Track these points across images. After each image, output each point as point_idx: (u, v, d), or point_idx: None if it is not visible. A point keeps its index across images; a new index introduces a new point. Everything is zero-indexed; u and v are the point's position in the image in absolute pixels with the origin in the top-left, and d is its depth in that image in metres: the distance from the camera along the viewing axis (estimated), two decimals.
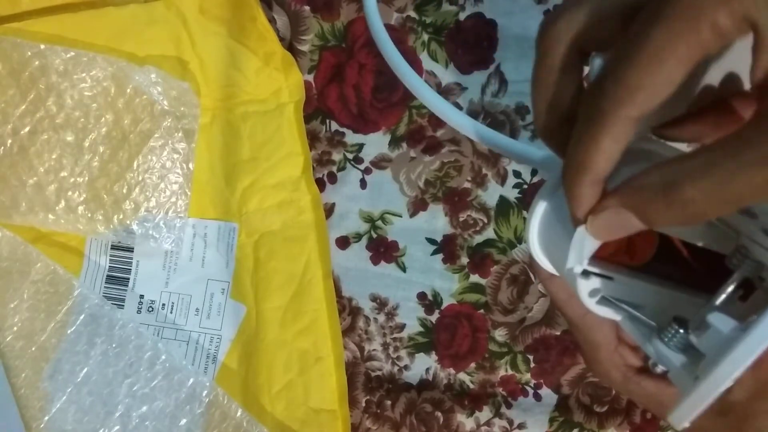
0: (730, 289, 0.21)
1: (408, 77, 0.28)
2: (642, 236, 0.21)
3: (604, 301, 0.22)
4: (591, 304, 0.22)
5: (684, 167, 0.17)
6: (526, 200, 0.45)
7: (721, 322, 0.19)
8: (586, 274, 0.22)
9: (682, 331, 0.21)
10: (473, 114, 0.45)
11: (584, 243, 0.21)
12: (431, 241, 0.46)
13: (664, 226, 0.20)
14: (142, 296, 0.45)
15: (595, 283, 0.22)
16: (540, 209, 0.23)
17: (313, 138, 0.47)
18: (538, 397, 0.46)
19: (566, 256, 0.22)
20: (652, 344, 0.22)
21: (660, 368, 0.22)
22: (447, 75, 0.45)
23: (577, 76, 0.21)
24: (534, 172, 0.45)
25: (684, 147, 0.22)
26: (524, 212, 0.45)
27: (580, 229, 0.20)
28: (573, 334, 0.27)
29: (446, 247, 0.46)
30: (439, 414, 0.46)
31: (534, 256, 0.24)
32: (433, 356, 0.46)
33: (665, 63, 0.17)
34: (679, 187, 0.17)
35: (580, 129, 0.19)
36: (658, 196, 0.18)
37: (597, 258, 0.22)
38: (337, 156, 0.47)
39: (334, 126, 0.47)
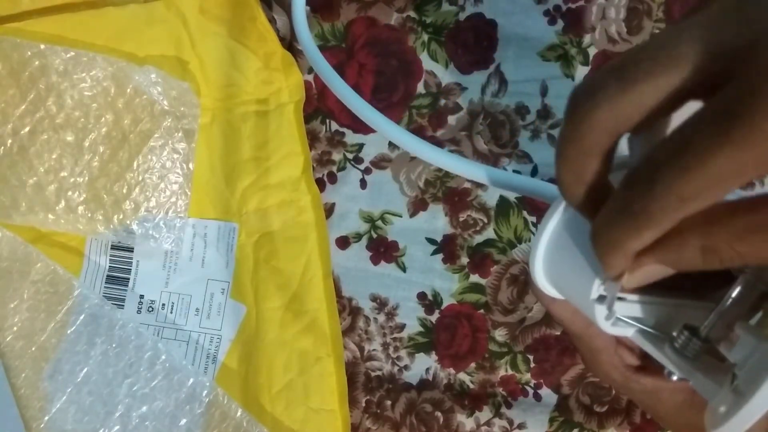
0: (735, 293, 0.21)
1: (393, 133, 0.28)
2: None
3: (617, 320, 0.22)
4: (607, 326, 0.22)
5: (724, 229, 0.17)
6: (526, 200, 0.45)
7: (746, 332, 0.20)
8: (601, 299, 0.22)
9: (695, 338, 0.21)
10: (473, 114, 0.45)
11: (612, 288, 0.21)
12: (431, 241, 0.46)
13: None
14: (142, 296, 0.45)
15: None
16: (546, 237, 0.23)
17: (313, 138, 0.47)
18: (538, 397, 0.46)
19: (581, 285, 0.22)
20: (666, 354, 0.22)
21: (675, 377, 0.22)
22: (447, 75, 0.45)
23: (611, 156, 0.19)
24: (534, 172, 0.45)
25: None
26: (524, 212, 0.45)
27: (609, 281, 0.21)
28: (575, 344, 0.27)
29: (446, 247, 0.46)
30: (439, 414, 0.46)
31: (536, 281, 0.24)
32: (433, 356, 0.46)
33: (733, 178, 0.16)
34: (720, 251, 0.17)
35: (621, 214, 0.18)
36: (697, 257, 0.18)
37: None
38: (337, 156, 0.47)
39: (334, 126, 0.47)
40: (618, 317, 0.22)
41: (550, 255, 0.24)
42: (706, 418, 0.20)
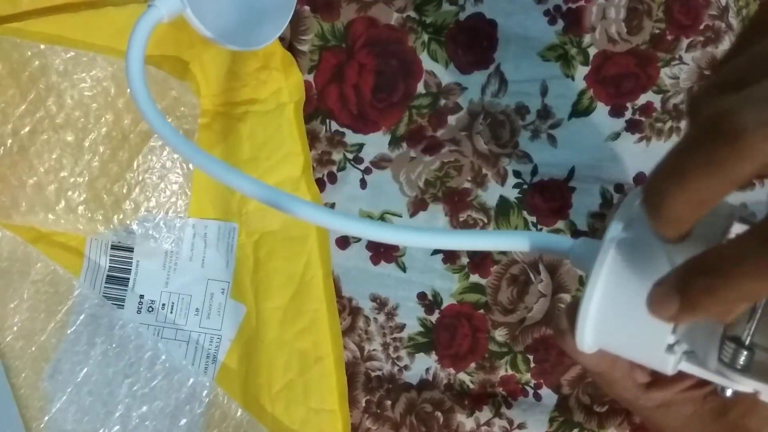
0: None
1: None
2: None
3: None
4: (670, 369, 0.22)
5: None
6: (526, 200, 0.45)
7: None
8: (669, 347, 0.22)
9: (741, 348, 0.21)
10: (473, 114, 0.45)
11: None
12: None
13: None
14: (142, 296, 0.45)
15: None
16: (599, 291, 0.22)
17: (313, 138, 0.47)
18: (538, 397, 0.46)
19: (641, 337, 0.22)
20: (719, 370, 0.21)
21: (730, 392, 0.22)
22: (447, 75, 0.45)
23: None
24: (534, 172, 0.45)
25: None
26: (524, 212, 0.45)
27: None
28: (594, 378, 0.27)
29: None
30: (439, 414, 0.46)
31: (582, 341, 0.23)
32: (433, 356, 0.46)
33: None
34: None
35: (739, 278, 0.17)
36: None
37: None
38: (337, 156, 0.47)
39: (334, 126, 0.47)
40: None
41: (602, 313, 0.22)
42: None
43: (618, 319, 0.22)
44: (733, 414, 0.26)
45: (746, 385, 0.21)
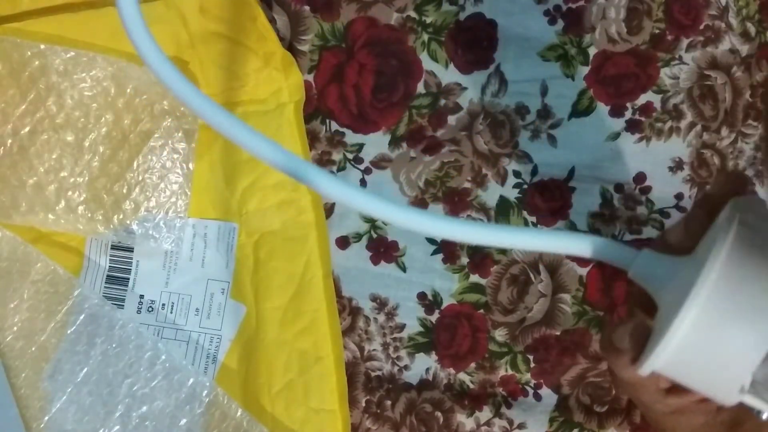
0: None
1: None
2: None
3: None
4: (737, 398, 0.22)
5: None
6: (525, 200, 0.45)
7: None
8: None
9: None
10: (473, 114, 0.45)
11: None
12: (431, 241, 0.46)
13: None
14: (142, 296, 0.45)
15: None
16: (689, 324, 0.21)
17: (313, 138, 0.47)
18: (538, 397, 0.46)
19: (722, 374, 0.21)
20: None
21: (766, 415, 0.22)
22: (447, 75, 0.45)
23: None
24: (534, 172, 0.45)
25: None
26: (524, 212, 0.45)
27: None
28: (623, 390, 0.27)
29: (446, 247, 0.46)
30: (439, 414, 0.46)
31: (651, 361, 0.22)
32: (433, 356, 0.46)
33: None
34: None
35: None
36: None
37: None
38: (337, 156, 0.47)
39: (334, 126, 0.47)
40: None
41: (682, 343, 0.21)
42: None
43: (700, 353, 0.21)
44: (747, 427, 0.26)
45: None
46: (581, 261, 0.45)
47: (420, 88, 0.46)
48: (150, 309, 0.45)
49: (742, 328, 0.20)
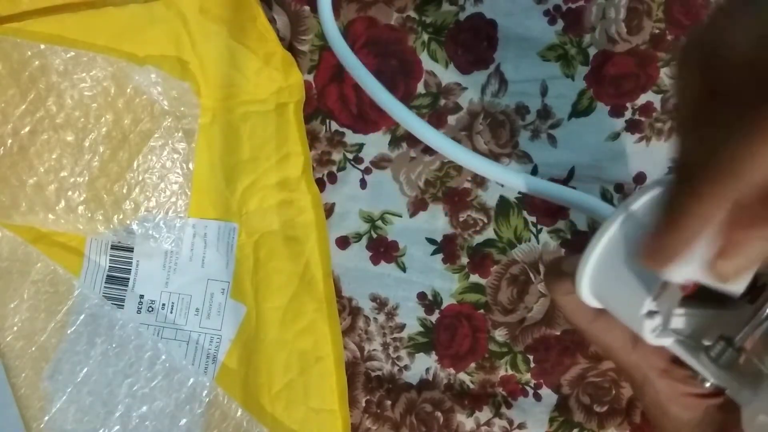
0: None
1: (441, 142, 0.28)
2: None
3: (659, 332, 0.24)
4: (651, 338, 0.23)
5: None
6: (526, 200, 0.45)
7: None
8: (649, 314, 0.23)
9: (730, 348, 0.23)
10: (473, 114, 0.45)
11: (672, 292, 0.23)
12: (431, 241, 0.46)
13: None
14: (142, 296, 0.45)
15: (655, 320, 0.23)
16: (598, 250, 0.24)
17: (313, 138, 0.47)
18: (538, 397, 0.46)
19: (629, 300, 0.23)
20: (701, 362, 0.23)
21: (709, 384, 0.24)
22: (447, 75, 0.46)
23: None
24: (534, 172, 0.45)
25: None
26: (524, 212, 0.45)
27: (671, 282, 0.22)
28: (587, 340, 0.28)
29: (446, 247, 0.46)
30: (439, 414, 0.46)
31: (581, 288, 0.25)
32: (433, 356, 0.46)
33: None
34: None
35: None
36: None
37: None
38: (337, 156, 0.47)
39: (334, 126, 0.47)
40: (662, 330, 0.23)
41: (599, 268, 0.24)
42: (743, 424, 0.21)
43: (612, 272, 0.24)
44: None
45: (722, 383, 0.23)
46: None
47: (420, 88, 0.46)
48: (150, 309, 0.45)
49: (633, 267, 0.22)
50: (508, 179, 0.27)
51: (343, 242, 0.47)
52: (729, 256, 0.20)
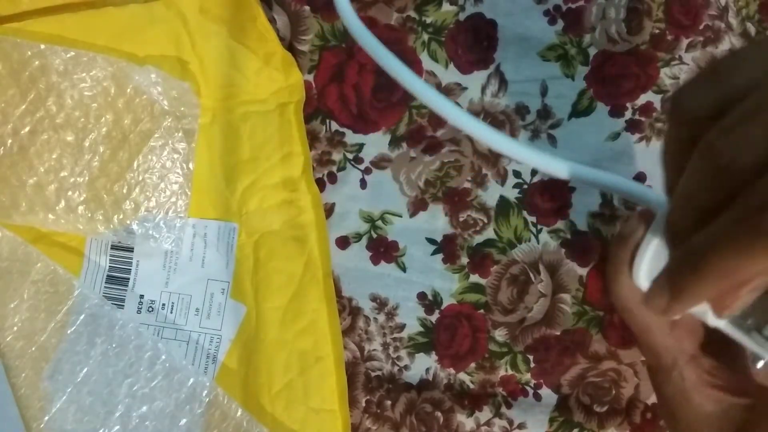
0: None
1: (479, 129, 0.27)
2: None
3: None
4: (710, 319, 0.24)
5: None
6: (525, 200, 0.45)
7: None
8: None
9: None
10: (473, 114, 0.45)
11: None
12: (431, 241, 0.46)
13: None
14: (142, 296, 0.45)
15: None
16: (651, 247, 0.24)
17: (313, 138, 0.47)
18: (538, 397, 0.46)
19: None
20: (755, 340, 0.23)
21: (761, 363, 0.24)
22: (447, 75, 0.46)
23: None
24: (534, 172, 0.45)
25: None
26: (524, 212, 0.45)
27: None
28: (627, 320, 0.29)
29: (446, 247, 0.46)
30: (439, 414, 0.46)
31: (639, 275, 0.25)
32: (433, 356, 0.46)
33: None
34: None
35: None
36: None
37: None
38: (337, 156, 0.47)
39: (334, 126, 0.47)
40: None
41: (658, 255, 0.24)
42: None
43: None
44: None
45: None
46: (581, 261, 0.45)
47: None
48: (150, 309, 0.45)
49: None
50: (549, 166, 0.26)
51: (343, 242, 0.47)
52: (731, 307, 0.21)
